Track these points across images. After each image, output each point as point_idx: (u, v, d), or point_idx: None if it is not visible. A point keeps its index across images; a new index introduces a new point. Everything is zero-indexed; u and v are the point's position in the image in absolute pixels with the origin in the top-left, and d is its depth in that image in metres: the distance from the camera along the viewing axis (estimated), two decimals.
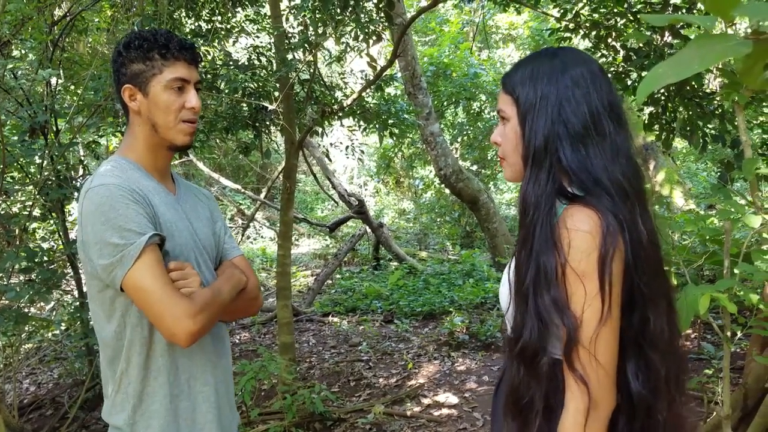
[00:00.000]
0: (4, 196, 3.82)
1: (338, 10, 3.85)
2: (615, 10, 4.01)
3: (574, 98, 1.18)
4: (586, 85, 1.19)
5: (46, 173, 3.81)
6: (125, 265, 1.35)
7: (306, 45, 4.12)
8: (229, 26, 5.04)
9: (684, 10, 3.75)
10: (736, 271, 1.85)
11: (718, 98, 3.71)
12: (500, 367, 1.41)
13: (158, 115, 1.51)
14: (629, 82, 3.97)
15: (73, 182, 3.97)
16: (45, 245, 4.35)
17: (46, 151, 3.75)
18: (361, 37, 4.06)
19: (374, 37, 4.08)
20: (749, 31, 0.91)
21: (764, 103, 3.85)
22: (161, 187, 1.55)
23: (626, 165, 1.18)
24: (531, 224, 1.16)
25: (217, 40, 4.89)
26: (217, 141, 5.80)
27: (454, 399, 4.35)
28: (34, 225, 4.19)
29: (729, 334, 1.92)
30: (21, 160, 3.78)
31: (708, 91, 3.92)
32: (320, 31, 4.06)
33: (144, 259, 1.35)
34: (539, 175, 1.18)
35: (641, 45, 3.81)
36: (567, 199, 1.17)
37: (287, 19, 4.54)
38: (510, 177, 1.30)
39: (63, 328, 4.58)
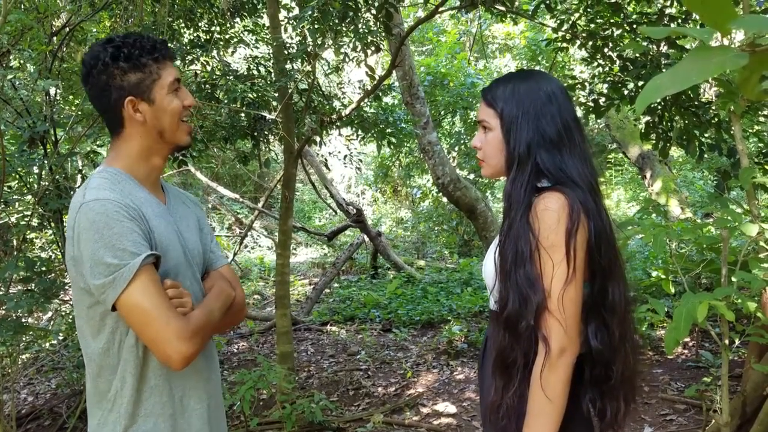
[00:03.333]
0: (3, 206, 3.82)
1: (337, 21, 3.87)
2: (611, 21, 4.04)
3: (549, 113, 1.43)
4: (558, 101, 1.45)
5: (44, 183, 3.81)
6: (118, 286, 1.32)
7: (304, 55, 4.14)
8: (227, 36, 5.07)
9: (679, 21, 3.78)
10: (733, 279, 1.87)
11: (714, 108, 3.74)
12: (483, 337, 1.66)
13: (166, 120, 1.48)
14: (626, 92, 4.00)
15: (72, 192, 3.98)
16: (43, 255, 4.35)
17: (45, 161, 3.76)
18: (360, 47, 4.09)
19: (373, 48, 4.10)
20: (743, 43, 0.93)
21: (760, 113, 3.89)
22: (153, 198, 1.51)
23: (591, 168, 1.46)
24: (514, 216, 1.41)
25: (215, 51, 4.91)
26: (215, 150, 5.81)
27: (452, 408, 4.34)
28: (32, 235, 4.19)
29: (727, 341, 1.93)
30: (20, 170, 3.78)
31: (704, 100, 3.94)
32: (319, 41, 4.08)
33: (139, 281, 1.32)
34: (522, 176, 1.42)
35: (638, 55, 3.84)
36: (538, 192, 1.42)
37: (286, 30, 4.56)
38: (488, 174, 1.57)
39: (61, 338, 4.57)
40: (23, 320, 3.55)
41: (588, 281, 1.41)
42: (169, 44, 1.53)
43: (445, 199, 9.62)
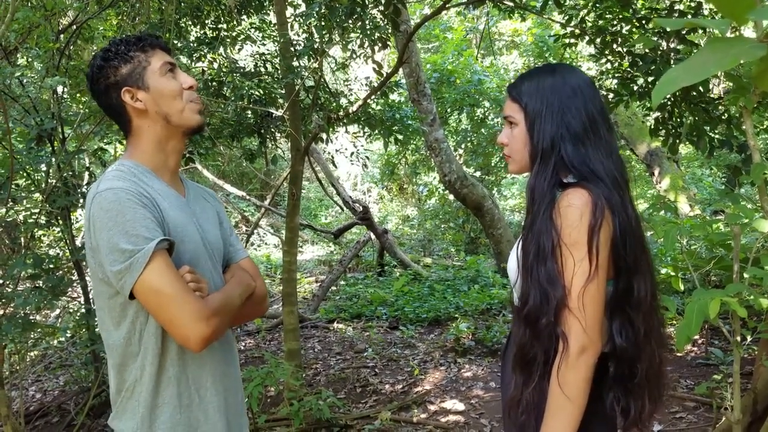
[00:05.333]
0: (11, 203, 3.83)
1: (344, 17, 3.86)
2: (620, 16, 4.01)
3: (574, 106, 1.42)
4: (583, 95, 1.44)
5: (52, 181, 3.82)
6: (134, 271, 1.33)
7: (311, 52, 4.13)
8: (234, 34, 5.06)
9: (689, 15, 3.75)
10: (745, 275, 1.85)
11: (725, 103, 3.71)
12: (507, 335, 1.70)
13: (166, 102, 1.50)
14: (635, 88, 3.97)
15: (80, 190, 3.98)
16: (51, 252, 4.36)
17: (53, 159, 3.76)
18: (367, 43, 4.07)
19: (380, 44, 4.09)
20: (760, 34, 0.91)
21: None
22: (171, 190, 1.53)
23: (617, 161, 1.44)
24: (537, 211, 1.40)
25: (222, 48, 4.91)
26: (222, 148, 5.82)
27: (460, 406, 4.33)
28: (40, 232, 4.19)
29: (738, 338, 1.92)
30: (28, 167, 3.79)
31: (713, 96, 3.91)
32: (326, 38, 4.07)
33: (155, 263, 1.34)
34: (545, 170, 1.42)
35: (647, 51, 3.81)
36: (563, 188, 1.41)
37: (292, 27, 4.55)
38: (515, 171, 1.57)
39: (69, 335, 4.58)
40: (31, 317, 3.56)
41: (613, 278, 1.40)
42: (176, 41, 1.56)
43: (451, 197, 9.60)
